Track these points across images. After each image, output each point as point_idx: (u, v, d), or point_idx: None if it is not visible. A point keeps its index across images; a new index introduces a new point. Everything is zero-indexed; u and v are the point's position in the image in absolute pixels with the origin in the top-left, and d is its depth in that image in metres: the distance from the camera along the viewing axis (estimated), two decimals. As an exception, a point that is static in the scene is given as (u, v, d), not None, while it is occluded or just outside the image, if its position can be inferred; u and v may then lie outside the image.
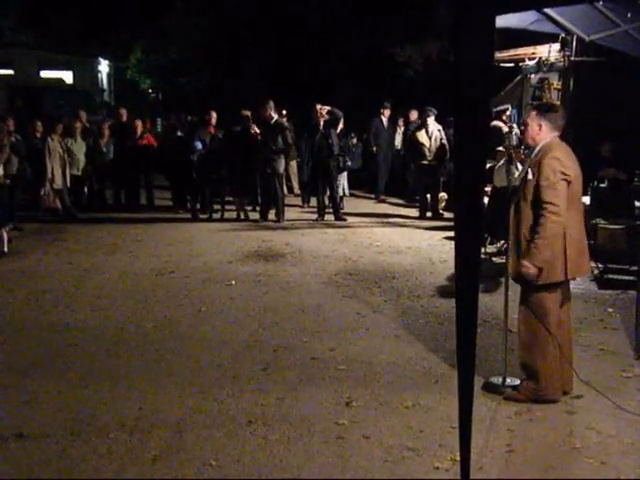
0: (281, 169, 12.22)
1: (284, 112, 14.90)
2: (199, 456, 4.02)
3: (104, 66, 29.48)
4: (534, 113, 4.70)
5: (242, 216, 12.34)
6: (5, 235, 9.32)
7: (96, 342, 5.95)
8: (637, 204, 8.35)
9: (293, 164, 15.15)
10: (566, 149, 4.62)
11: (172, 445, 4.15)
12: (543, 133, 4.64)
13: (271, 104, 12.08)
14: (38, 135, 12.23)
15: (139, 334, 6.17)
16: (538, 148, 4.66)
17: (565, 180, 4.46)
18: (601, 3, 4.18)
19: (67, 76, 26.42)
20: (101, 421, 4.45)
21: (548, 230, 4.43)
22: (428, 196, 12.87)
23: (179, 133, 13.14)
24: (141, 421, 4.45)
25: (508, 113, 11.85)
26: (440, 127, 12.68)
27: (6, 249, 9.26)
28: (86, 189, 13.40)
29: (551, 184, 4.43)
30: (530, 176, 4.57)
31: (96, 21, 28.01)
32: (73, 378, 5.15)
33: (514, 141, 5.64)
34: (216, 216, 12.46)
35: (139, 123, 13.75)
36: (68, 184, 12.09)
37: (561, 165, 4.46)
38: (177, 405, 4.69)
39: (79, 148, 12.60)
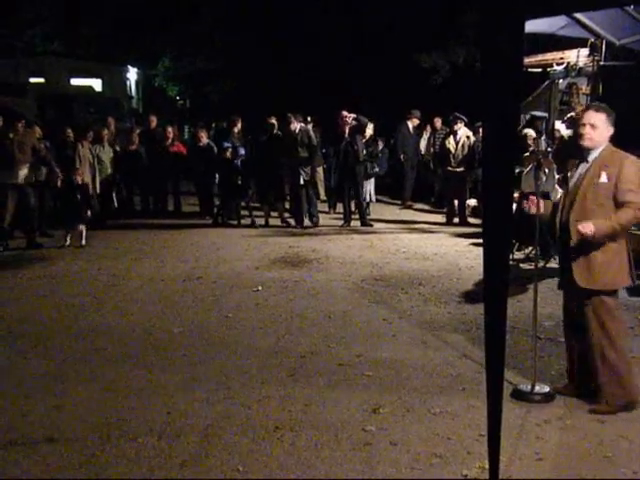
0: (307, 176, 12.25)
1: (308, 119, 14.95)
2: (226, 462, 4.04)
3: (132, 73, 29.76)
4: (604, 116, 4.57)
5: (270, 222, 12.38)
6: (84, 230, 10.45)
7: (124, 347, 6.00)
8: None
9: (320, 170, 15.18)
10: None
11: (200, 450, 4.17)
12: (607, 138, 4.58)
13: (291, 117, 12.18)
14: (69, 142, 12.37)
15: (166, 339, 6.21)
16: (599, 150, 4.58)
17: None
18: (632, 7, 4.14)
19: (96, 84, 26.71)
20: (130, 426, 4.48)
21: (627, 221, 4.43)
22: (455, 202, 12.82)
23: (205, 140, 13.20)
24: (169, 426, 4.48)
25: (544, 120, 11.75)
26: (471, 133, 12.64)
27: (84, 242, 10.39)
28: (115, 195, 13.53)
29: (633, 188, 4.40)
30: (604, 179, 4.48)
31: (125, 29, 28.30)
32: (102, 382, 5.20)
33: (543, 146, 5.61)
34: (244, 222, 12.52)
35: (170, 130, 13.86)
36: (98, 190, 12.23)
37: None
38: (205, 410, 4.72)
39: (107, 155, 12.73)
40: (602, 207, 4.51)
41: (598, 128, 4.55)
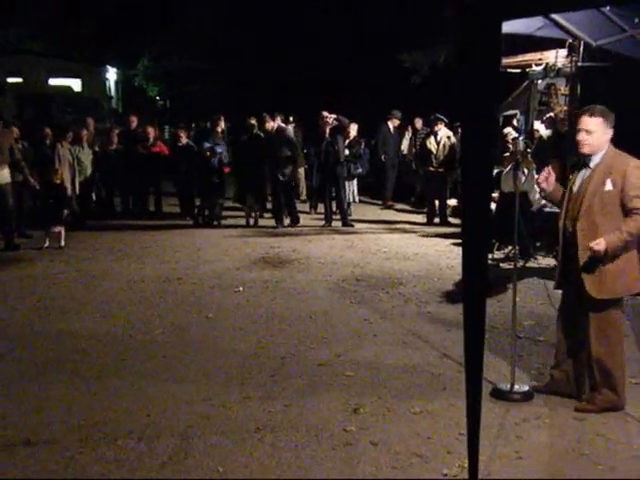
0: (285, 176, 12.19)
1: (290, 119, 14.94)
2: (206, 463, 4.02)
3: (112, 73, 29.54)
4: (599, 121, 4.45)
5: (251, 222, 12.36)
6: (63, 231, 10.32)
7: (104, 349, 5.96)
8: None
9: (301, 171, 15.20)
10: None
11: (180, 452, 4.15)
12: (606, 142, 4.49)
13: (267, 116, 12.16)
14: (47, 142, 12.27)
15: (147, 341, 6.18)
16: (601, 156, 4.50)
17: None
18: (608, 8, 4.17)
19: (75, 84, 26.50)
20: (109, 428, 4.45)
21: (637, 229, 4.37)
22: (436, 202, 12.87)
23: (184, 140, 13.13)
24: (149, 428, 4.46)
25: (518, 117, 11.84)
26: (451, 134, 12.70)
27: (63, 243, 10.27)
28: (94, 196, 13.43)
29: (639, 194, 4.34)
30: (610, 187, 4.40)
31: (104, 28, 28.11)
32: (81, 385, 5.16)
33: (521, 147, 5.64)
34: (224, 222, 12.49)
35: (151, 130, 13.77)
36: (77, 191, 12.13)
37: None
38: (185, 412, 4.70)
39: (87, 155, 12.63)
40: (610, 216, 4.43)
41: (594, 133, 4.45)
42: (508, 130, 11.36)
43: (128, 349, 5.96)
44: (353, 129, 12.84)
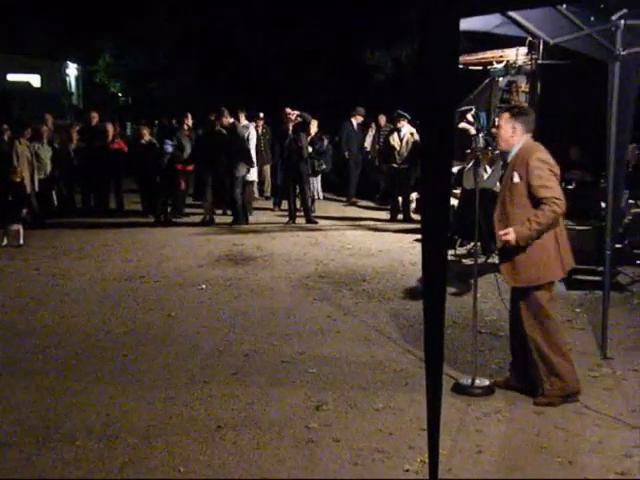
0: (239, 173, 12.10)
1: (261, 115, 14.90)
2: (167, 462, 3.99)
3: (72, 69, 29.18)
4: (507, 116, 4.70)
5: (208, 219, 12.24)
6: (21, 229, 10.16)
7: (64, 349, 5.87)
8: (603, 205, 8.45)
9: (267, 168, 15.15)
10: (545, 149, 4.64)
11: (140, 452, 4.10)
12: (517, 136, 4.66)
13: (225, 111, 12.05)
14: (5, 139, 12.05)
15: (108, 340, 6.10)
16: (515, 151, 4.67)
17: (555, 177, 4.52)
18: (565, 6, 4.23)
19: (35, 79, 26.10)
20: (68, 428, 4.39)
21: (546, 219, 4.45)
22: (399, 199, 12.92)
23: (147, 137, 12.98)
24: (109, 428, 4.40)
25: (472, 113, 11.92)
26: (414, 130, 12.74)
27: (21, 241, 10.11)
28: (54, 194, 13.23)
29: (544, 183, 4.46)
30: (517, 179, 4.56)
31: (65, 24, 27.68)
32: (40, 385, 5.08)
33: (481, 143, 5.69)
34: (188, 220, 12.40)
35: (111, 127, 13.61)
36: (36, 189, 11.93)
37: (548, 164, 4.51)
38: (146, 411, 4.65)
39: (46, 152, 12.43)
40: (519, 207, 4.57)
41: (502, 128, 4.71)
42: (463, 125, 11.42)
43: (88, 348, 5.88)
44: (313, 125, 12.81)
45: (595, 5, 4.56)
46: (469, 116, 11.59)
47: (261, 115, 14.93)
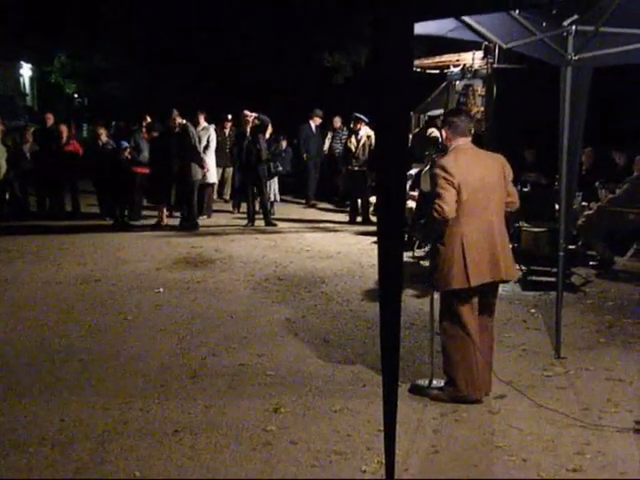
0: (196, 177, 11.99)
1: (229, 117, 14.83)
2: (123, 467, 3.94)
3: (27, 70, 28.66)
4: (439, 121, 4.94)
5: (162, 222, 12.12)
6: None
7: (16, 354, 5.76)
8: (557, 207, 8.60)
9: (229, 171, 15.06)
10: (464, 155, 4.67)
11: (95, 457, 4.05)
12: (449, 140, 4.80)
13: (175, 112, 11.93)
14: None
15: (62, 345, 6.00)
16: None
17: (451, 186, 4.52)
18: (517, 12, 4.31)
19: (-14, 80, 25.64)
20: (20, 435, 4.31)
21: (431, 221, 4.67)
22: (358, 201, 12.98)
23: (104, 139, 12.81)
24: (63, 434, 4.33)
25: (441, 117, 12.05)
26: (372, 133, 12.80)
27: None
28: (8, 196, 12.97)
29: (436, 189, 4.57)
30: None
31: (18, 24, 27.17)
32: (-8, 391, 4.98)
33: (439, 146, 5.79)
34: (146, 222, 12.27)
35: (64, 128, 13.39)
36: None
37: (444, 172, 4.55)
38: (101, 416, 4.59)
39: (1, 153, 12.19)
40: None
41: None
42: (432, 130, 11.54)
43: (42, 353, 5.77)
44: (268, 128, 12.77)
45: (547, 11, 4.65)
46: (438, 122, 11.71)
47: (229, 117, 14.87)
